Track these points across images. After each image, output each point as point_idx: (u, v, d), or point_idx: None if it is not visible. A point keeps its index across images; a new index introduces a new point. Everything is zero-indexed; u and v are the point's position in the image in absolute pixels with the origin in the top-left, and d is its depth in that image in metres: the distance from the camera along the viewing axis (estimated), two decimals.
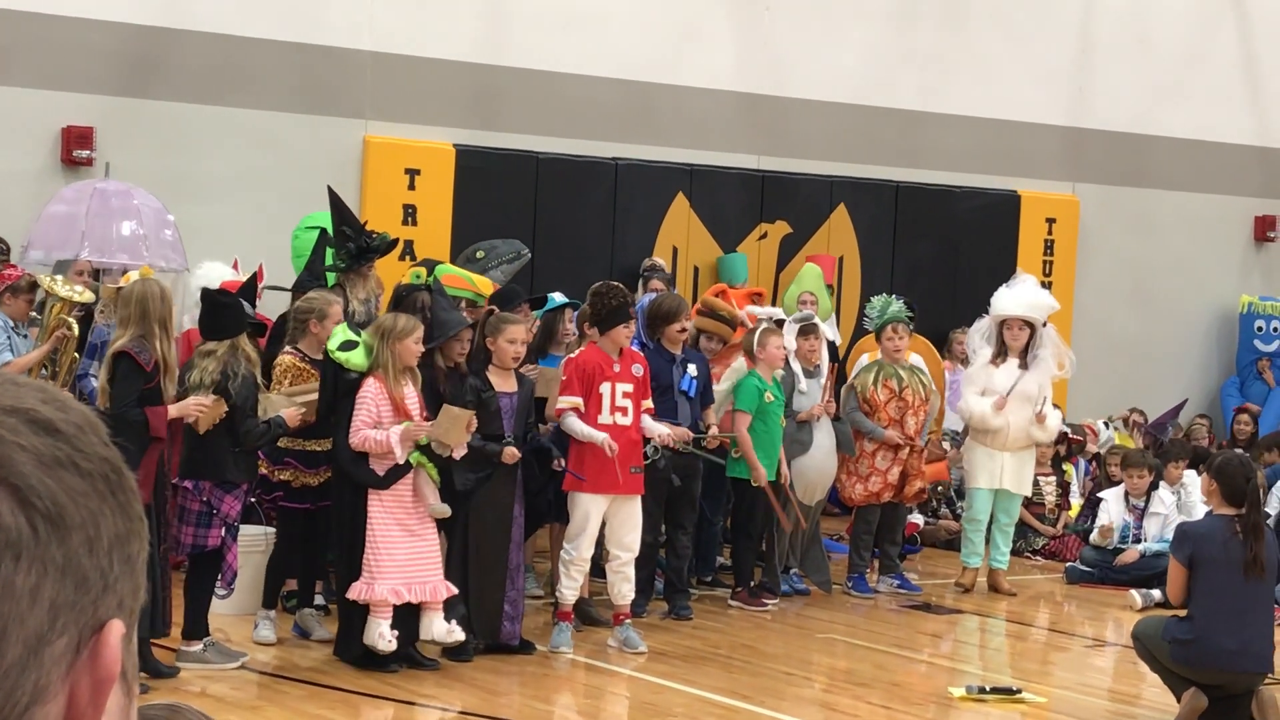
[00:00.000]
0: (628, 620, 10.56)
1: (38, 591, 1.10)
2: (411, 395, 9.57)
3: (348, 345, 9.57)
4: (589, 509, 10.34)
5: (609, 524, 10.42)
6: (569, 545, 10.39)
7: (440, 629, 9.56)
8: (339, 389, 9.57)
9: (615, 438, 10.27)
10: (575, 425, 10.30)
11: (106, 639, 1.14)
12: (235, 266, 12.14)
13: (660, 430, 10.64)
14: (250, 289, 9.97)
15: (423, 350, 9.67)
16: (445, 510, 9.60)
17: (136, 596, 1.19)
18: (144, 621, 8.70)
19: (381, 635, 9.42)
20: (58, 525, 1.11)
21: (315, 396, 9.88)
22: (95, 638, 1.14)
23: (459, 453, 9.67)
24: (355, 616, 9.58)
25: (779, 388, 11.84)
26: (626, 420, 10.41)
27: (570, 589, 10.41)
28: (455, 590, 9.68)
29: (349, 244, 11.28)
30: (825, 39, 16.73)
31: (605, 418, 10.36)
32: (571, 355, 10.67)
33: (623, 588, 10.51)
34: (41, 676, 1.10)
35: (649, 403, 10.60)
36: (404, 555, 9.49)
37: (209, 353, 9.27)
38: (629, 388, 10.44)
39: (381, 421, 9.44)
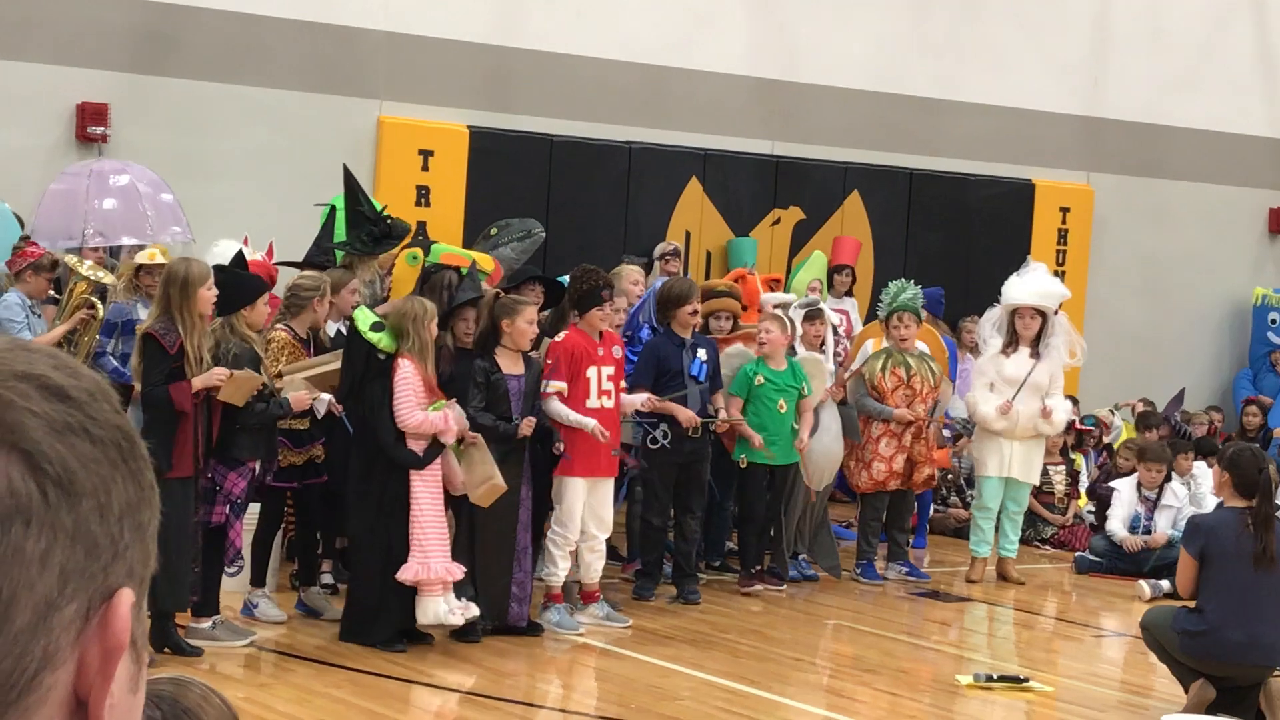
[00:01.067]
0: (601, 596, 10.69)
1: (47, 557, 1.10)
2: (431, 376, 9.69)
3: (377, 326, 9.60)
4: (576, 492, 10.41)
5: (587, 504, 10.52)
6: (559, 528, 10.46)
7: (442, 610, 9.62)
8: (369, 370, 9.55)
9: (601, 421, 10.36)
10: (562, 411, 10.34)
11: (117, 607, 1.13)
12: (245, 244, 12.11)
13: (638, 399, 10.71)
14: (240, 260, 9.91)
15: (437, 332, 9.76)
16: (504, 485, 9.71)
17: (147, 565, 1.18)
18: (180, 595, 8.77)
19: (451, 610, 9.49)
20: (68, 491, 1.11)
21: (322, 371, 9.88)
22: (105, 605, 1.13)
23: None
24: (373, 599, 9.55)
25: (791, 373, 11.79)
26: (611, 403, 10.49)
27: (560, 571, 10.46)
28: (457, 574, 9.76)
29: (372, 227, 11.19)
30: (839, 25, 16.70)
31: (593, 401, 10.42)
32: (556, 339, 10.67)
33: (598, 565, 10.67)
34: (51, 642, 1.10)
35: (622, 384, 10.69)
36: (442, 533, 9.60)
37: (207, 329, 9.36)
38: (611, 370, 10.51)
39: (420, 403, 9.53)
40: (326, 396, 9.78)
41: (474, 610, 9.67)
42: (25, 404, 1.11)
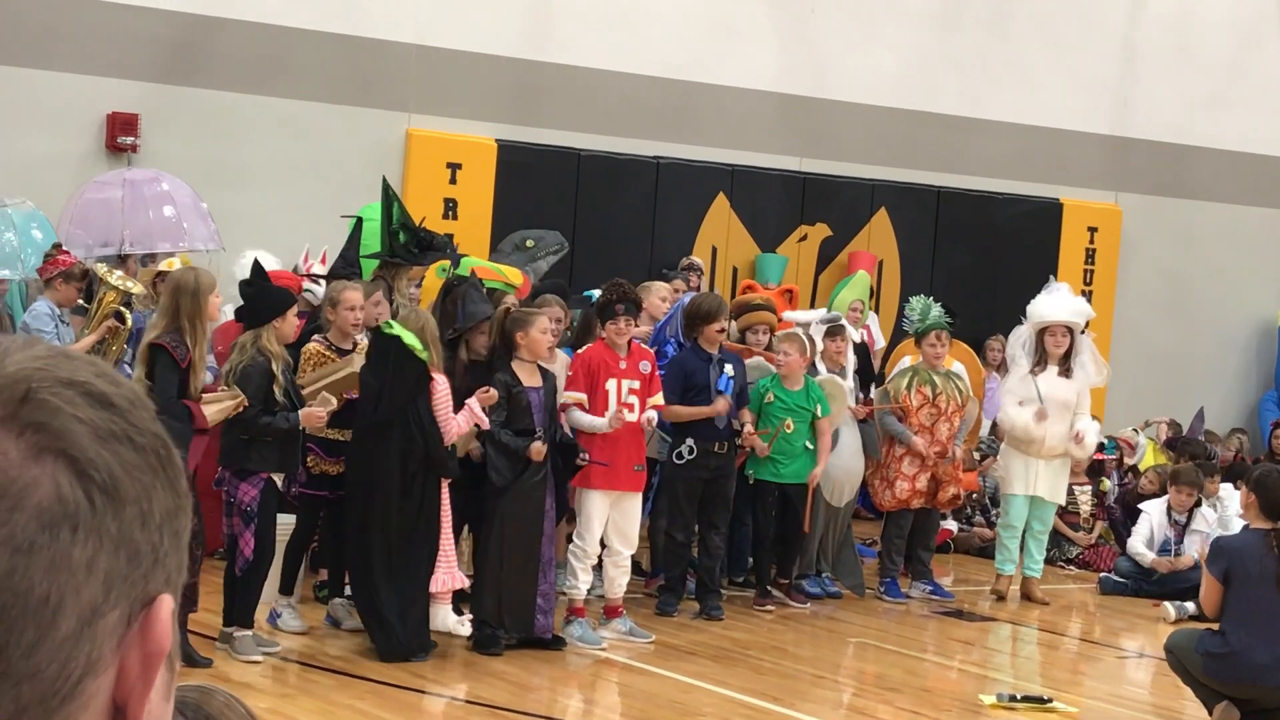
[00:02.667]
0: (624, 612, 10.69)
1: (93, 564, 1.10)
2: None
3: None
4: (596, 504, 10.43)
5: (611, 519, 10.53)
6: (579, 541, 10.49)
7: (451, 620, 9.67)
8: (418, 385, 9.54)
9: (620, 435, 10.34)
10: (579, 418, 10.38)
11: (157, 613, 1.14)
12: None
13: (652, 413, 10.73)
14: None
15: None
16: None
17: (182, 573, 1.19)
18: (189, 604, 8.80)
19: (461, 621, 9.63)
20: (113, 498, 1.12)
21: (337, 378, 9.90)
22: (145, 612, 1.14)
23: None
24: (419, 610, 9.59)
25: (805, 394, 11.75)
26: (633, 417, 10.46)
27: (582, 585, 10.47)
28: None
29: (417, 237, 11.13)
30: (868, 42, 16.71)
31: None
32: (579, 351, 10.72)
33: (622, 580, 10.67)
34: (94, 649, 1.11)
35: (658, 399, 10.65)
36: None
37: (236, 344, 9.42)
38: (635, 384, 10.49)
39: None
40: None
41: (456, 619, 9.74)
42: (72, 411, 1.12)
